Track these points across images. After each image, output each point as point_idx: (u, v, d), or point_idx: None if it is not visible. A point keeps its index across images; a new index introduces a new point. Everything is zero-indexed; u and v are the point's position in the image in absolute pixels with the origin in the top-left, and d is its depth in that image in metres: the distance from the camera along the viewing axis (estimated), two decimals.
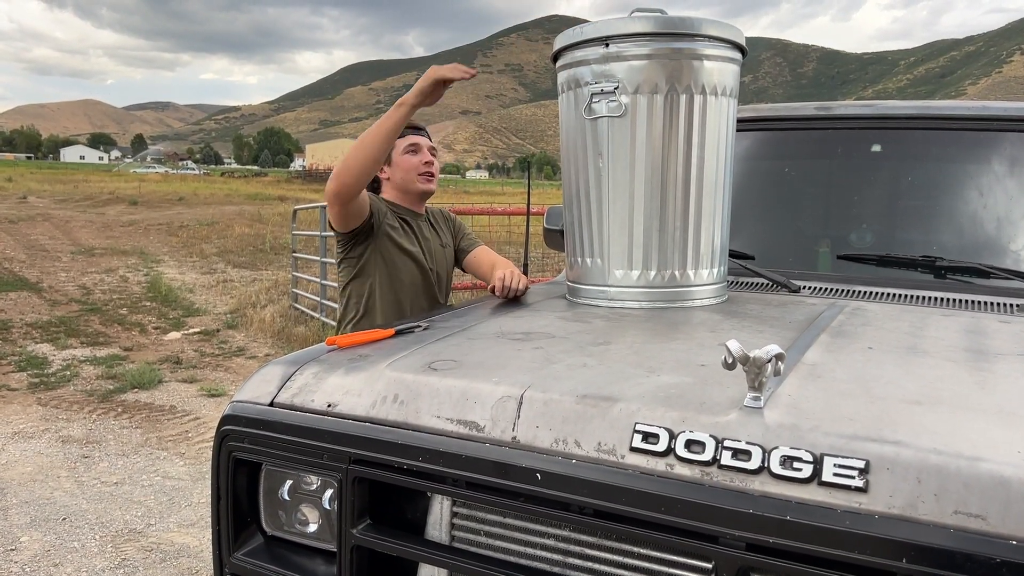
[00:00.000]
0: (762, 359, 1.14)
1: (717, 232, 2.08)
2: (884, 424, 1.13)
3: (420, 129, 2.59)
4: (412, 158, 2.56)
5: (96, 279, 11.55)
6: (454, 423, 1.33)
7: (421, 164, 2.56)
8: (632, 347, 1.59)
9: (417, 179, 2.57)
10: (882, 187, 2.51)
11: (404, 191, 2.60)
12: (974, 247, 2.31)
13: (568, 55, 2.07)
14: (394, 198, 2.62)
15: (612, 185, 2.02)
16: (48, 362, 6.70)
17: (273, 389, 1.53)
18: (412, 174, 2.56)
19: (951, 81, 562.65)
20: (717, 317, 1.88)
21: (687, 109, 1.96)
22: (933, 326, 1.77)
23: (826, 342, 1.58)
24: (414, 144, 2.56)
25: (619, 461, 1.18)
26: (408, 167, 2.56)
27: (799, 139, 2.68)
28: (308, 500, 1.49)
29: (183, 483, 4.24)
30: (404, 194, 2.61)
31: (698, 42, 1.95)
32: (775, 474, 1.09)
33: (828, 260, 2.43)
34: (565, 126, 2.14)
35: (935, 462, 1.04)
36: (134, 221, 21.62)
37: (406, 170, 2.56)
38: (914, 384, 1.31)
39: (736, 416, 1.16)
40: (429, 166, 2.58)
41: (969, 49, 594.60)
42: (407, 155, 2.56)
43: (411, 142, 2.55)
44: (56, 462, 4.50)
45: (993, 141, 2.41)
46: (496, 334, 1.74)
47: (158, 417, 5.39)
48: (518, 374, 1.40)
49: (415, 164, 2.56)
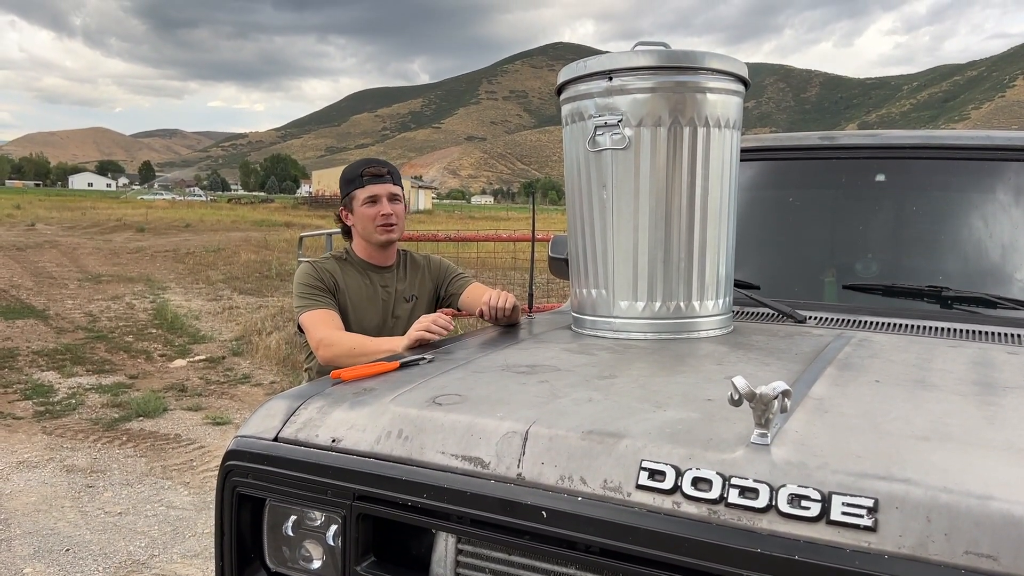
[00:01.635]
0: (769, 396, 1.13)
1: (722, 263, 2.08)
2: (893, 461, 1.12)
3: (380, 176, 2.56)
4: (369, 210, 2.53)
5: (103, 306, 11.58)
6: (459, 459, 1.33)
7: (379, 216, 2.53)
8: (638, 380, 1.58)
9: (376, 231, 2.55)
10: (887, 217, 2.51)
11: (367, 241, 2.60)
12: (980, 277, 2.31)
13: (572, 88, 2.08)
14: (360, 248, 2.64)
15: (617, 217, 2.02)
16: (54, 390, 6.70)
17: (277, 424, 1.53)
18: (371, 226, 2.54)
19: (954, 106, 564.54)
20: (723, 349, 1.87)
21: (691, 141, 1.97)
22: (940, 358, 1.76)
23: (833, 375, 1.57)
24: (371, 196, 2.53)
25: (625, 499, 1.17)
26: (366, 219, 2.54)
27: (803, 169, 2.68)
28: (312, 536, 1.48)
29: (187, 513, 4.21)
30: (367, 244, 2.61)
31: (701, 75, 1.96)
32: (783, 513, 1.08)
33: (834, 290, 2.42)
34: (569, 158, 2.15)
35: (945, 501, 1.03)
36: (141, 248, 21.72)
37: (364, 222, 2.55)
38: (922, 419, 1.30)
39: (743, 453, 1.16)
40: (387, 217, 2.54)
41: (972, 74, 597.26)
42: (365, 207, 2.54)
43: (369, 194, 2.53)
44: (60, 492, 4.48)
45: (997, 170, 2.41)
46: (501, 367, 1.73)
47: (163, 446, 5.37)
48: (523, 409, 1.39)
49: (372, 216, 2.53)
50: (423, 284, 2.72)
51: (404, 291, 2.66)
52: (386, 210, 2.53)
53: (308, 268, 2.57)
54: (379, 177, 2.55)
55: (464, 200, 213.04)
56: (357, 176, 2.56)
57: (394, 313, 2.62)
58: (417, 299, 2.68)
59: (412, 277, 2.70)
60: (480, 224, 34.88)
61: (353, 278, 2.59)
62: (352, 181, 2.57)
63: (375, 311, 2.59)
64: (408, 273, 2.71)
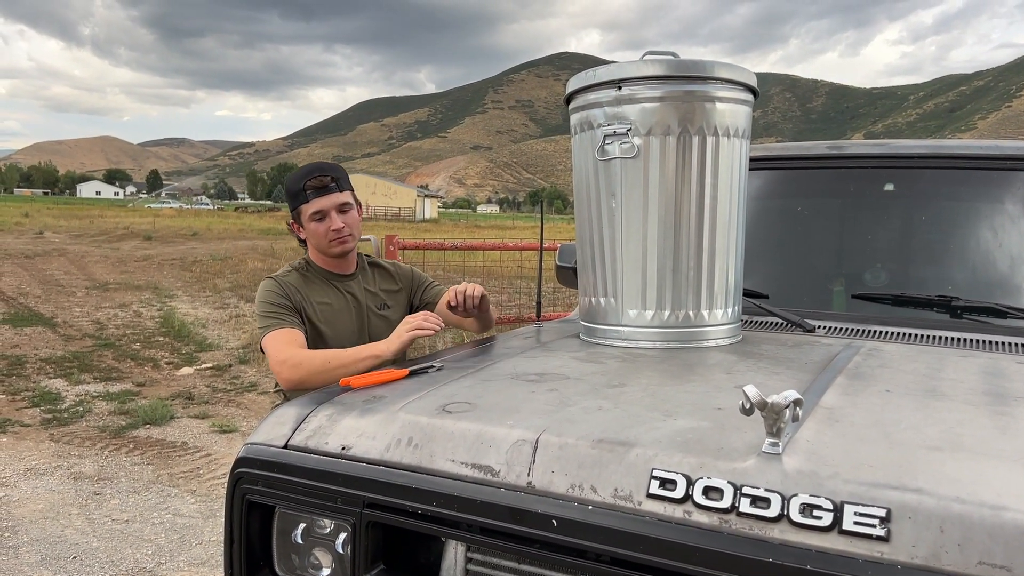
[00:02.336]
0: (780, 405, 1.13)
1: (731, 272, 2.08)
2: (905, 471, 1.12)
3: (324, 187, 2.37)
4: (319, 226, 2.38)
5: (110, 314, 11.62)
6: (469, 467, 1.33)
7: (329, 232, 2.37)
8: (647, 389, 1.58)
9: (329, 246, 2.41)
10: (895, 226, 2.51)
11: (321, 253, 2.46)
12: (989, 286, 2.30)
13: (581, 97, 2.09)
14: (318, 258, 2.50)
15: (625, 225, 2.02)
16: (61, 397, 6.72)
17: (287, 431, 1.53)
18: (323, 241, 2.40)
19: (960, 116, 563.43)
20: (732, 358, 1.87)
21: (699, 150, 1.97)
22: (951, 367, 1.76)
23: (843, 384, 1.57)
24: (318, 212, 2.36)
25: (636, 508, 1.17)
26: (317, 235, 2.40)
27: (812, 178, 2.68)
28: (321, 544, 1.48)
29: (194, 521, 4.21)
30: (324, 256, 2.47)
31: (710, 84, 1.96)
32: (795, 522, 1.08)
33: (843, 299, 2.42)
34: (578, 167, 2.15)
35: (958, 511, 1.02)
36: (148, 256, 21.80)
37: (316, 238, 2.41)
38: (934, 429, 1.30)
39: (754, 462, 1.15)
40: (339, 232, 2.38)
41: (978, 84, 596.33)
42: (314, 223, 2.39)
43: (315, 210, 2.37)
44: (67, 499, 4.49)
45: (1007, 180, 2.41)
46: (510, 375, 1.73)
47: (170, 453, 5.38)
48: (533, 417, 1.39)
49: (323, 232, 2.38)
50: (395, 293, 2.60)
51: (375, 299, 2.54)
52: (336, 225, 2.37)
53: (271, 284, 2.40)
54: (323, 189, 2.37)
55: (470, 209, 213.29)
56: (300, 190, 2.38)
57: (370, 322, 2.50)
58: (391, 308, 2.56)
59: (382, 284, 2.58)
60: (486, 233, 34.91)
61: (319, 290, 2.45)
62: (296, 195, 2.40)
63: (349, 320, 2.46)
64: (376, 280, 2.59)
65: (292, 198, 2.42)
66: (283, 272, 2.46)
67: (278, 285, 2.38)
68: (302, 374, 2.15)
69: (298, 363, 2.16)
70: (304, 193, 2.36)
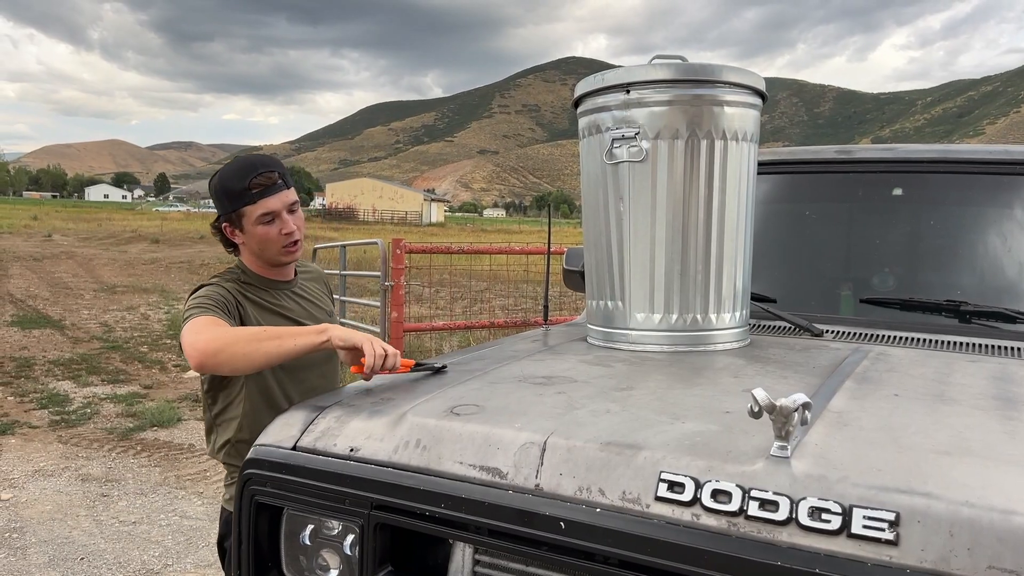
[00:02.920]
0: (789, 408, 1.13)
1: (739, 275, 2.08)
2: (913, 475, 1.11)
3: (273, 185, 2.01)
4: (268, 230, 2.02)
5: (117, 317, 11.66)
6: (477, 469, 1.33)
7: (280, 235, 2.03)
8: (655, 392, 1.58)
9: (279, 252, 2.07)
10: (903, 231, 2.51)
11: (264, 261, 2.11)
12: (998, 291, 2.29)
13: (589, 101, 2.09)
14: (254, 265, 2.13)
15: (633, 229, 2.03)
16: (69, 399, 6.75)
17: (296, 433, 1.54)
18: (272, 247, 2.05)
19: (969, 121, 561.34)
20: (740, 362, 1.87)
21: (708, 154, 1.97)
22: (959, 372, 1.75)
23: (851, 388, 1.57)
24: (267, 213, 2.00)
25: (644, 510, 1.17)
26: (264, 240, 2.04)
27: (820, 182, 2.68)
28: (329, 545, 1.48)
29: (201, 523, 4.22)
30: (264, 263, 2.13)
31: (718, 88, 1.97)
32: (803, 525, 1.08)
33: (851, 304, 2.41)
34: (586, 170, 2.16)
35: (967, 515, 1.02)
36: (156, 259, 21.88)
37: (262, 243, 2.05)
38: (943, 433, 1.30)
39: (763, 465, 1.15)
40: (290, 236, 2.05)
41: (986, 89, 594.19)
42: (261, 227, 2.02)
43: (263, 211, 2.00)
44: (75, 500, 4.51)
45: (1015, 185, 2.40)
46: (518, 378, 1.74)
47: (176, 456, 5.39)
48: (541, 420, 1.40)
49: (273, 236, 2.03)
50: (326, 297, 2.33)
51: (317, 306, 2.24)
52: (288, 227, 2.04)
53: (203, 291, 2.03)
54: (272, 187, 2.01)
55: (476, 213, 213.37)
56: (244, 188, 1.99)
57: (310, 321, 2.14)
58: (332, 315, 2.27)
59: (316, 289, 2.29)
60: (492, 237, 34.90)
61: (259, 301, 2.10)
62: (239, 195, 2.01)
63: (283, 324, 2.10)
64: (312, 285, 2.29)
65: (232, 198, 2.02)
66: (217, 283, 2.08)
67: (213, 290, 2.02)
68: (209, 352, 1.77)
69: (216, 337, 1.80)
70: (249, 192, 1.99)
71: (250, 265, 2.14)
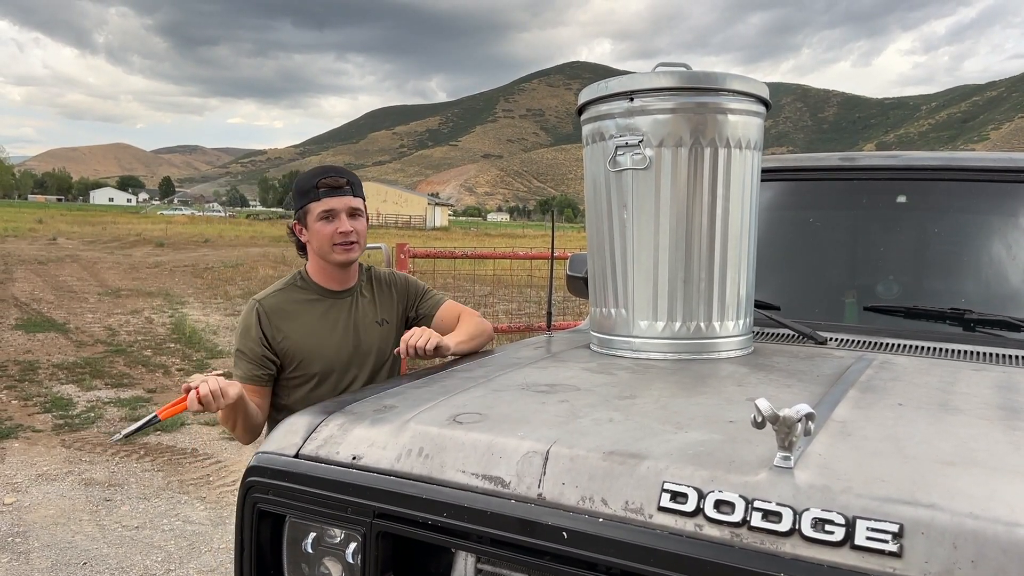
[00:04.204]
0: (792, 418, 1.13)
1: (742, 283, 2.07)
2: (918, 486, 1.11)
3: (339, 188, 2.23)
4: (325, 227, 2.22)
5: (122, 320, 11.68)
6: (479, 478, 1.33)
7: (336, 234, 2.22)
8: (658, 401, 1.57)
9: (332, 250, 2.23)
10: (908, 238, 2.50)
11: (323, 260, 2.28)
12: (1002, 299, 2.29)
13: (593, 108, 2.09)
14: (315, 270, 2.32)
15: (637, 236, 2.03)
16: (73, 403, 6.76)
17: (298, 440, 1.53)
18: (327, 244, 2.23)
19: (973, 126, 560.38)
20: (744, 370, 1.87)
21: (712, 162, 1.97)
22: (964, 381, 1.74)
23: (855, 398, 1.56)
24: (328, 211, 2.21)
25: (647, 521, 1.17)
26: (322, 237, 2.23)
27: (824, 189, 2.68)
28: (331, 553, 1.48)
29: (204, 528, 4.22)
30: (324, 264, 2.30)
31: (722, 96, 1.97)
32: (806, 537, 1.07)
33: (854, 311, 2.41)
34: (590, 177, 2.16)
35: (972, 527, 1.01)
36: (160, 263, 21.92)
37: (320, 239, 2.23)
38: (947, 444, 1.29)
39: (766, 476, 1.15)
40: (346, 235, 2.22)
41: (991, 94, 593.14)
42: (320, 223, 2.22)
43: (325, 208, 2.21)
44: (78, 505, 4.51)
45: (1020, 193, 2.40)
46: (520, 386, 1.73)
47: (180, 460, 5.39)
48: (543, 429, 1.39)
49: (328, 234, 2.22)
50: (392, 306, 2.41)
51: (373, 315, 2.36)
52: (344, 227, 2.22)
53: (247, 318, 2.26)
54: (337, 189, 2.22)
55: (480, 217, 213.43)
56: (312, 187, 2.22)
57: (363, 342, 2.32)
58: (388, 323, 2.38)
59: (380, 298, 2.40)
60: (496, 241, 34.93)
61: (307, 312, 2.28)
62: (306, 193, 2.24)
63: (340, 344, 2.29)
64: (375, 294, 2.40)
65: (301, 195, 2.26)
66: (271, 292, 2.31)
67: (255, 317, 2.25)
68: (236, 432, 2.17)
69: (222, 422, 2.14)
70: (316, 191, 2.22)
71: (311, 272, 2.33)
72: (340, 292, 2.33)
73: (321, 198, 2.21)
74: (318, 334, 2.27)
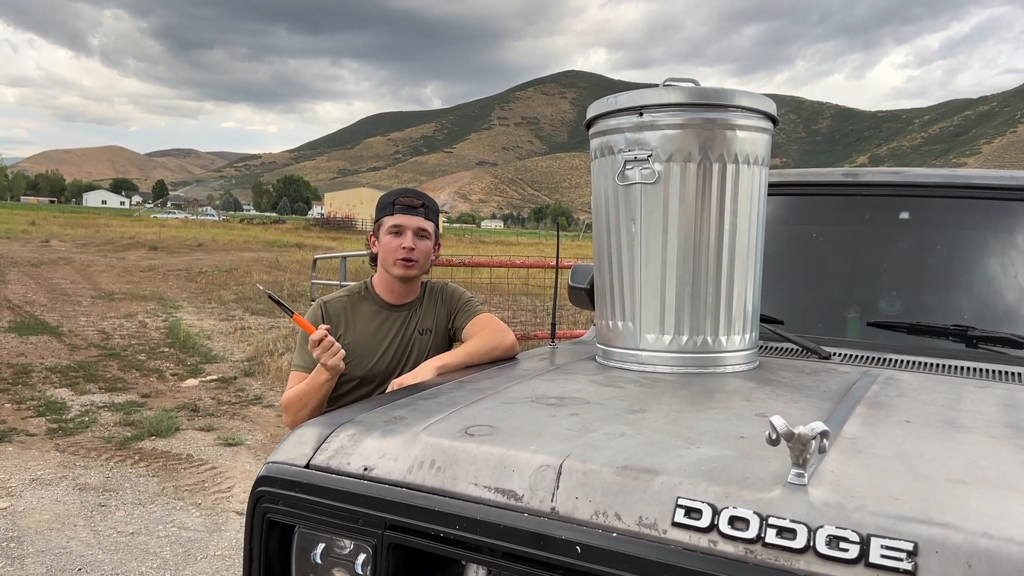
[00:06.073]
0: (807, 436, 1.14)
1: (749, 298, 2.09)
2: (931, 505, 1.12)
3: (413, 207, 2.41)
4: (392, 241, 2.39)
5: (115, 324, 11.64)
6: (492, 491, 1.33)
7: (399, 248, 2.37)
8: (669, 416, 1.58)
9: (394, 264, 2.39)
10: (910, 254, 2.52)
11: (386, 272, 2.45)
12: (1006, 317, 2.30)
13: (602, 123, 2.10)
14: (379, 283, 2.50)
15: (644, 250, 2.04)
16: (67, 407, 6.72)
17: (309, 451, 1.53)
18: (390, 257, 2.40)
19: (965, 140, 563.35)
20: (751, 385, 1.88)
21: (719, 177, 1.98)
22: (969, 398, 1.76)
23: (863, 414, 1.57)
24: (397, 226, 2.39)
25: (661, 536, 1.17)
26: (387, 250, 2.41)
27: (827, 205, 2.70)
28: (341, 564, 1.48)
29: (199, 534, 4.20)
30: (386, 276, 2.46)
31: (731, 112, 1.98)
32: (821, 554, 1.08)
33: (857, 327, 2.42)
34: (598, 191, 2.17)
35: (986, 546, 1.02)
36: (154, 266, 21.85)
37: (385, 252, 2.42)
38: (957, 462, 1.30)
39: (780, 493, 1.16)
40: (409, 252, 2.37)
41: (983, 109, 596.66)
42: (388, 236, 2.40)
43: (395, 223, 2.39)
44: (73, 510, 4.49)
45: (1022, 210, 2.42)
46: (530, 398, 1.74)
47: (175, 466, 5.37)
48: (556, 442, 1.40)
49: (393, 247, 2.38)
50: (437, 315, 2.54)
51: (420, 323, 2.50)
52: (408, 243, 2.37)
53: (315, 312, 2.45)
54: (411, 208, 2.41)
55: (474, 224, 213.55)
56: (390, 203, 2.42)
57: (409, 352, 2.46)
58: (431, 332, 2.51)
59: (428, 309, 2.54)
60: (490, 248, 34.95)
61: (364, 318, 2.45)
62: (384, 208, 2.44)
63: (385, 354, 2.43)
64: (426, 307, 2.54)
65: (380, 210, 2.46)
66: (335, 296, 2.50)
67: (319, 314, 2.44)
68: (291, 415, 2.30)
69: (287, 404, 2.32)
70: (392, 206, 2.41)
71: (375, 283, 2.51)
72: (397, 306, 2.49)
73: (395, 213, 2.40)
74: (369, 341, 2.42)
